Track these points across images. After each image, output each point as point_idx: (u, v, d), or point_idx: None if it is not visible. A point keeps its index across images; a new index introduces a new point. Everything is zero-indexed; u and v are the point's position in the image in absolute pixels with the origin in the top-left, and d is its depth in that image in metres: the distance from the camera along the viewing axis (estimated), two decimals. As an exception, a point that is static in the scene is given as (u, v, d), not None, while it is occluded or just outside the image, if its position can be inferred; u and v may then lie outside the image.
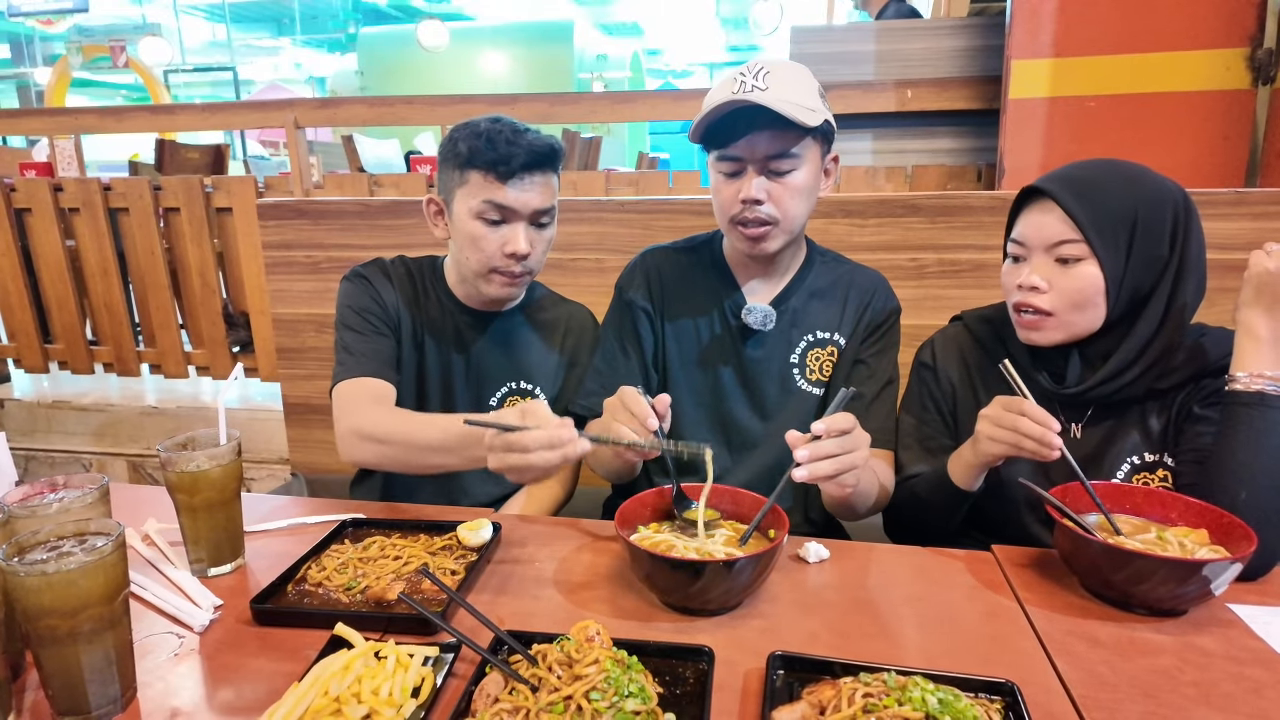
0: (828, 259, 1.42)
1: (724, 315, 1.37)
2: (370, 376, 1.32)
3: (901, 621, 0.94)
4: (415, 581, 0.98)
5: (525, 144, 1.27)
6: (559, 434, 0.98)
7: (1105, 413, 1.19)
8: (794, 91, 1.18)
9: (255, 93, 14.92)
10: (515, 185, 1.28)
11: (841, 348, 1.37)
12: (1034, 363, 1.21)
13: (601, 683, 0.72)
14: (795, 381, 1.37)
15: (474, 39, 12.41)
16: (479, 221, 1.30)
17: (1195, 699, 0.79)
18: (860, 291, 1.39)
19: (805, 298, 1.37)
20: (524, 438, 0.98)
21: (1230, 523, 0.98)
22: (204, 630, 0.91)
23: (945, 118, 3.17)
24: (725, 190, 1.26)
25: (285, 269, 2.04)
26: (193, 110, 4.11)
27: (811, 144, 1.24)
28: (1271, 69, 2.42)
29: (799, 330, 1.37)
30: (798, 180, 1.23)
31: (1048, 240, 1.12)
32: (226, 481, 1.02)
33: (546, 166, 1.31)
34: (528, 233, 1.32)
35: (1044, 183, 1.13)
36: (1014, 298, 1.16)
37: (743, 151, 1.22)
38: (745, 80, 1.18)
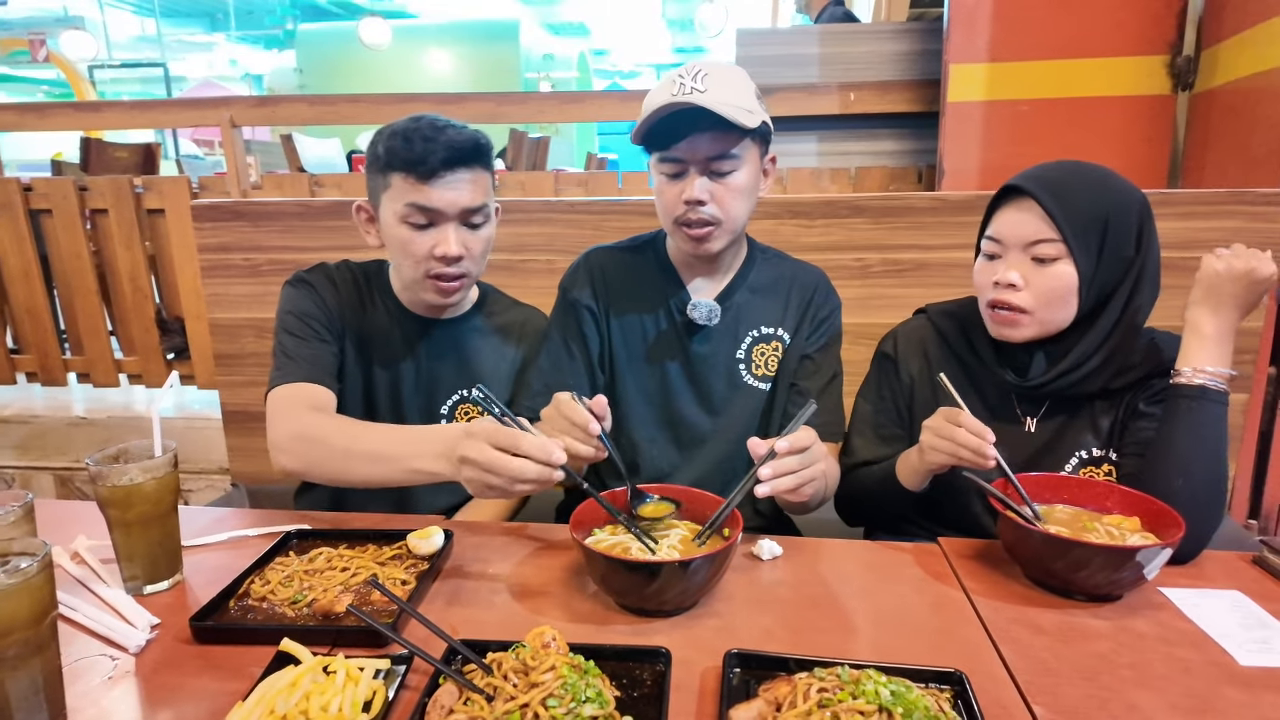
0: (769, 256, 1.44)
1: (669, 312, 1.38)
2: (308, 382, 1.27)
3: (854, 615, 0.96)
4: (364, 593, 0.96)
5: (444, 140, 1.22)
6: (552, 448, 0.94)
7: (1059, 408, 1.23)
8: (732, 93, 1.19)
9: (188, 90, 14.37)
10: (438, 184, 1.23)
11: (786, 343, 1.39)
12: (997, 357, 1.24)
13: (558, 689, 0.71)
14: (742, 376, 1.38)
15: (417, 37, 12.20)
16: (405, 226, 1.26)
17: (1131, 680, 0.82)
18: (802, 288, 1.41)
19: (748, 294, 1.39)
20: (519, 435, 0.94)
21: (1160, 510, 1.02)
22: (140, 651, 0.87)
23: (887, 120, 3.24)
24: (668, 191, 1.26)
25: (222, 272, 1.97)
26: (120, 107, 3.94)
27: (750, 145, 1.25)
28: (1190, 75, 2.55)
29: (744, 326, 1.38)
30: (739, 180, 1.25)
31: (1025, 239, 1.14)
32: (162, 495, 0.98)
33: (472, 163, 1.25)
34: (459, 233, 1.27)
35: (1023, 181, 1.15)
36: (989, 295, 1.18)
37: (684, 153, 1.23)
38: (684, 82, 1.19)
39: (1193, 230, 1.73)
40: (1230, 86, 2.34)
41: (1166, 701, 0.79)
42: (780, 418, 1.38)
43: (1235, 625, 0.92)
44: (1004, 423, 1.24)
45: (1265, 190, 1.72)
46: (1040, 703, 0.78)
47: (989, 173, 2.75)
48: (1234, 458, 1.90)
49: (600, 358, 1.41)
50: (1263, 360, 2.09)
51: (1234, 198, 1.72)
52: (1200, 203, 1.72)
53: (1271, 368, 2.14)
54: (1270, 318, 2.07)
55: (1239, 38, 2.28)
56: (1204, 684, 0.82)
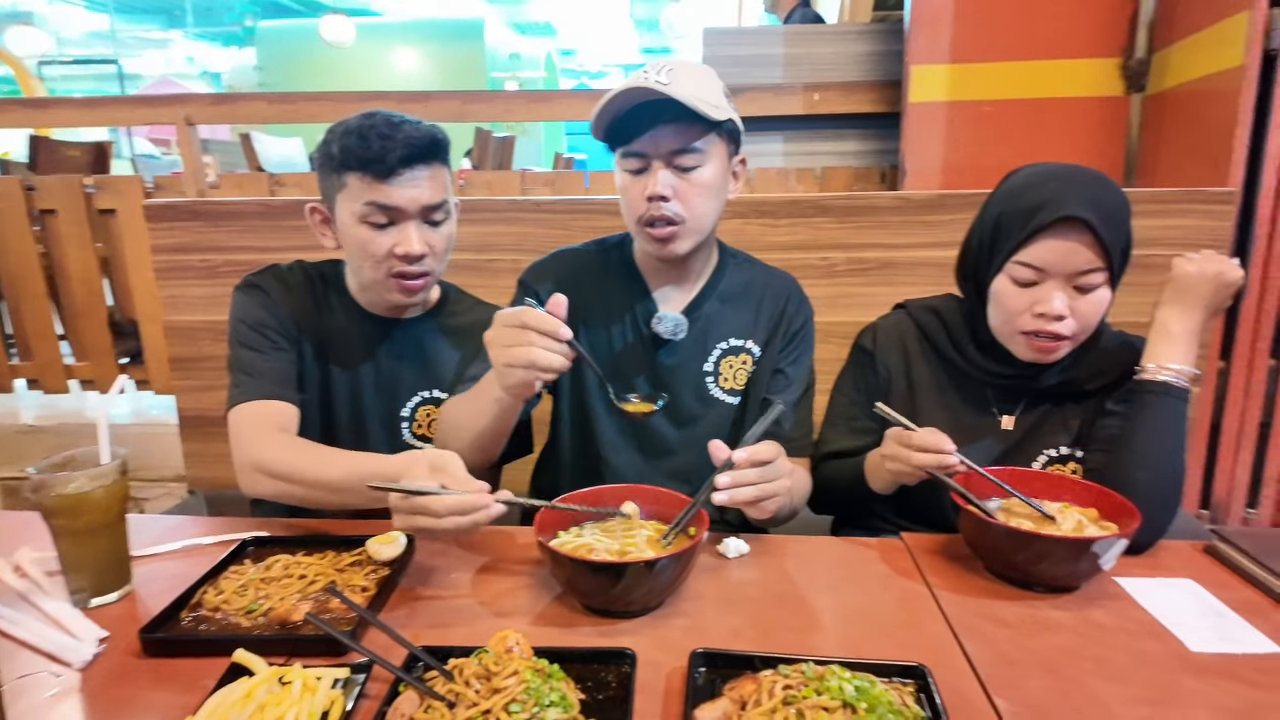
0: (739, 260, 1.41)
1: (635, 323, 1.34)
2: (269, 399, 1.23)
3: (820, 612, 0.96)
4: (323, 601, 0.93)
5: (402, 137, 1.18)
6: (472, 500, 0.92)
7: (1035, 406, 1.25)
8: (697, 88, 1.17)
9: (144, 88, 14.02)
10: (397, 182, 1.19)
11: (755, 355, 1.36)
12: (982, 353, 1.25)
13: (521, 694, 0.70)
14: (709, 389, 1.35)
15: (381, 35, 12.05)
16: (365, 226, 1.22)
17: (1092, 671, 0.83)
18: (774, 297, 1.38)
19: (718, 304, 1.35)
20: (433, 503, 0.91)
21: (1116, 502, 1.04)
22: (86, 666, 0.84)
23: (852, 120, 3.28)
24: (632, 189, 1.23)
25: (178, 274, 1.92)
26: (71, 105, 3.83)
27: (717, 140, 1.22)
28: (1143, 77, 2.61)
29: (713, 338, 1.35)
30: (704, 176, 1.21)
31: (1074, 269, 1.10)
32: (110, 503, 0.95)
33: (431, 159, 1.23)
34: (420, 231, 1.24)
35: (1082, 212, 1.07)
36: (1027, 324, 1.14)
37: (646, 146, 1.20)
38: (649, 76, 1.16)
39: (1146, 229, 1.76)
40: (1181, 89, 2.40)
41: (1125, 691, 0.80)
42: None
43: (1189, 613, 0.94)
44: (982, 418, 1.26)
45: (1215, 189, 1.76)
46: (1002, 695, 0.79)
47: (951, 172, 2.79)
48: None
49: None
50: (1213, 354, 2.15)
51: (1186, 196, 1.76)
52: (1153, 201, 1.77)
53: (1221, 362, 2.20)
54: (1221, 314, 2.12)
55: (1188, 41, 2.35)
56: (1161, 672, 0.83)
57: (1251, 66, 2.01)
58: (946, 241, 1.83)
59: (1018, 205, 1.14)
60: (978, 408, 1.27)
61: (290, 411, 1.25)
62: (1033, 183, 1.15)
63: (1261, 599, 0.98)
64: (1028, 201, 1.12)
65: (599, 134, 1.23)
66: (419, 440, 1.39)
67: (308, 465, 1.13)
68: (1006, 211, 1.15)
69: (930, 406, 1.29)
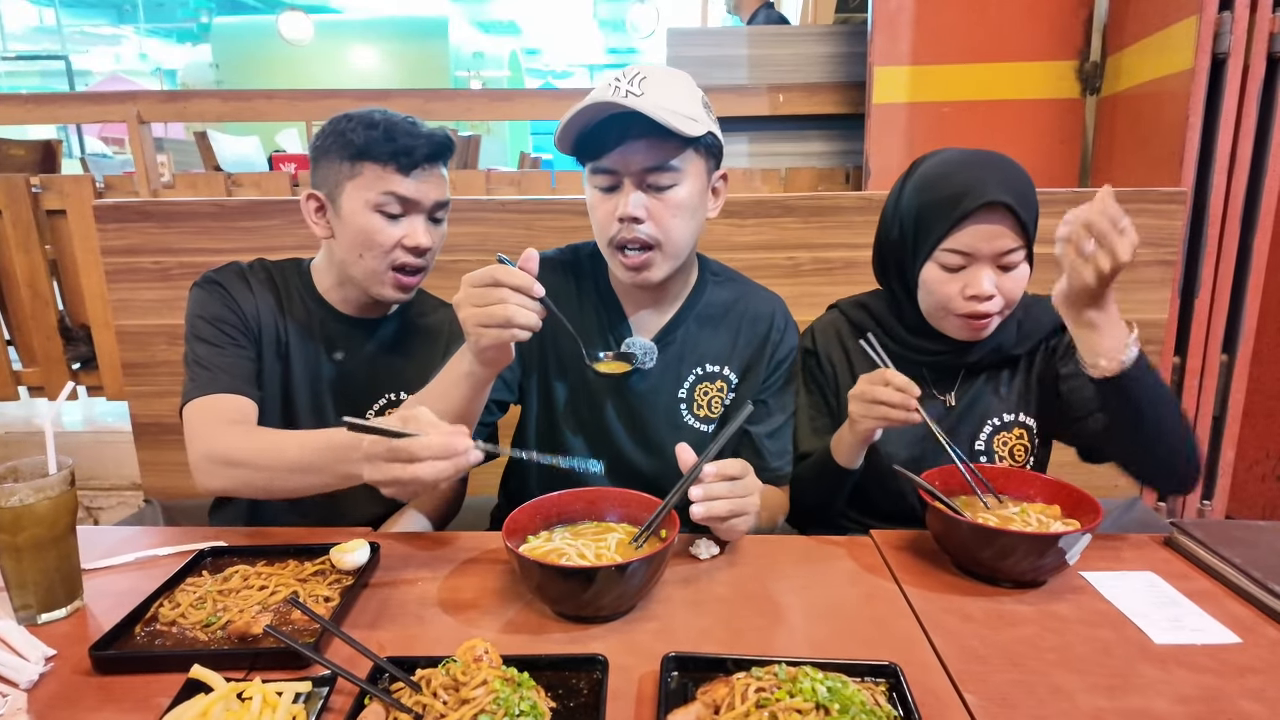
0: (720, 278, 1.35)
1: (608, 344, 1.29)
2: (225, 393, 1.20)
3: (790, 611, 0.96)
4: (284, 612, 0.91)
5: (425, 135, 1.23)
6: (453, 442, 0.89)
7: (970, 381, 1.30)
8: (673, 99, 1.10)
9: (94, 85, 13.60)
10: (417, 176, 1.23)
11: (732, 383, 1.32)
12: (913, 335, 1.28)
13: (490, 704, 0.69)
14: (682, 416, 1.30)
15: (341, 32, 11.85)
16: (377, 214, 1.23)
17: (1055, 663, 0.84)
18: (756, 322, 1.32)
19: (695, 326, 1.30)
20: (412, 445, 0.88)
21: (1080, 497, 1.06)
22: (33, 686, 0.80)
23: (815, 121, 3.30)
24: (601, 208, 1.17)
25: (129, 276, 1.86)
26: (15, 101, 3.68)
27: (694, 157, 1.16)
28: (1097, 80, 2.67)
29: (687, 363, 1.29)
30: (679, 196, 1.14)
31: (998, 250, 1.15)
32: (58, 516, 0.91)
33: (444, 159, 1.28)
34: (426, 225, 1.27)
35: (1004, 196, 1.12)
36: (960, 306, 1.17)
37: (617, 163, 1.13)
38: (620, 86, 1.10)
39: (1102, 227, 1.81)
40: (1133, 91, 2.46)
41: (1088, 681, 0.81)
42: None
43: (1150, 605, 0.96)
44: (924, 400, 1.27)
45: (1166, 189, 1.81)
46: (971, 690, 0.80)
47: (913, 173, 2.83)
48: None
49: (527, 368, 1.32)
50: (1167, 350, 2.21)
51: (1138, 196, 1.81)
52: (1108, 201, 1.80)
53: (1175, 357, 2.27)
54: (1174, 309, 2.19)
55: (1140, 45, 2.41)
56: (1122, 663, 0.85)
57: (1200, 70, 2.07)
58: (910, 241, 1.85)
59: (939, 195, 1.17)
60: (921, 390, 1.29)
61: (248, 407, 1.21)
62: (947, 172, 1.19)
63: (1218, 589, 1.01)
64: (949, 190, 1.16)
65: (565, 147, 1.17)
66: None
67: (265, 447, 1.10)
68: (926, 203, 1.19)
69: None
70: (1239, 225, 2.14)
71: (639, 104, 1.07)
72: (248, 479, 1.11)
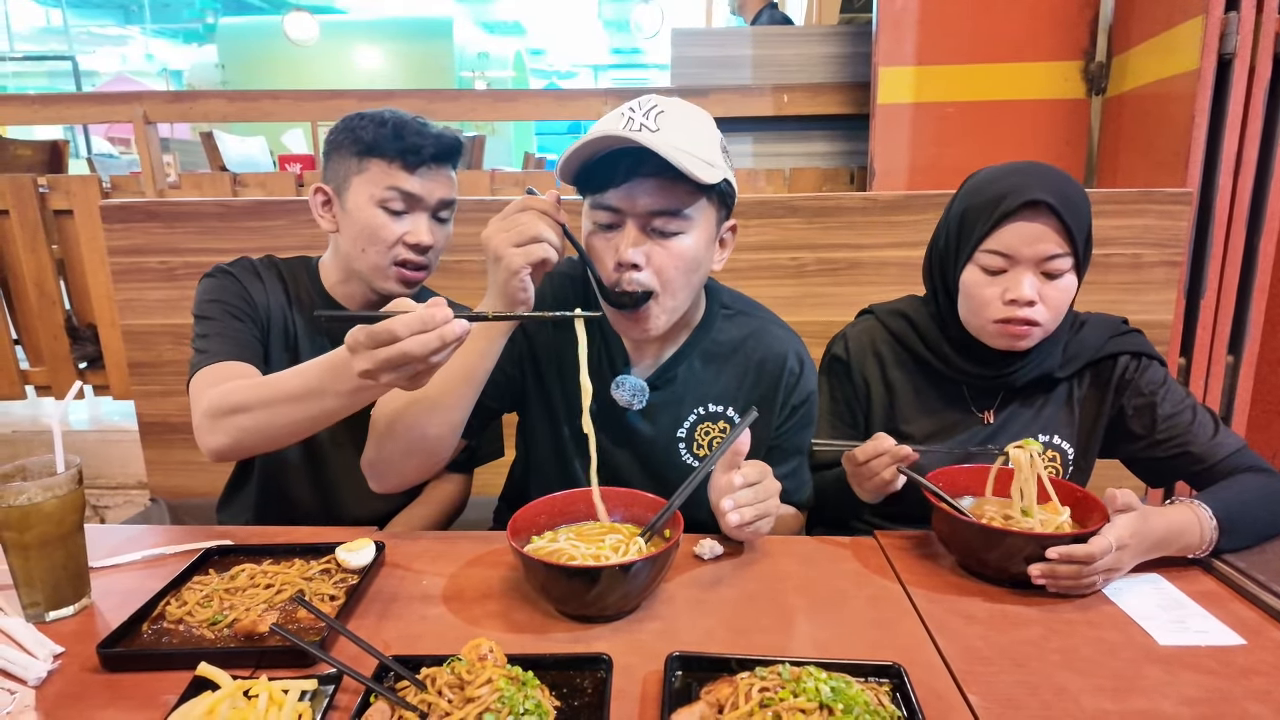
0: (731, 312, 1.25)
1: (604, 379, 1.20)
2: (232, 360, 1.20)
3: (794, 612, 0.96)
4: (290, 611, 0.91)
5: (434, 135, 1.26)
6: (431, 313, 0.86)
7: (1010, 399, 1.27)
8: (690, 139, 1.01)
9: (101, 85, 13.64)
10: (423, 174, 1.26)
11: (735, 423, 1.22)
12: (958, 353, 1.26)
13: (495, 703, 0.69)
14: (680, 455, 1.22)
15: (346, 33, 11.89)
16: (381, 210, 1.26)
17: (1060, 664, 0.84)
18: (764, 365, 1.22)
19: (699, 364, 1.21)
20: (391, 323, 0.85)
21: (1085, 498, 1.06)
22: (41, 683, 0.81)
23: (819, 122, 3.30)
24: (599, 245, 1.07)
25: (136, 276, 1.87)
26: (21, 101, 3.70)
27: (706, 206, 1.06)
28: (1102, 80, 2.67)
29: (688, 403, 1.21)
30: (684, 245, 1.05)
31: (1041, 255, 1.12)
32: (65, 514, 0.91)
33: (452, 160, 1.30)
34: (430, 224, 1.29)
35: (1044, 195, 1.10)
36: (998, 311, 1.15)
37: (621, 202, 1.03)
38: (634, 118, 1.00)
39: (1105, 228, 1.81)
40: (1138, 91, 2.45)
41: (1093, 683, 0.81)
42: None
43: (1154, 607, 0.95)
44: (961, 416, 1.28)
45: (1171, 190, 1.81)
46: (975, 691, 0.80)
47: (918, 173, 2.83)
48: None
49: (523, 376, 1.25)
50: (1173, 351, 2.21)
51: (1143, 197, 1.80)
52: (1112, 202, 1.80)
53: (1181, 358, 2.26)
54: (1179, 310, 2.18)
55: (1145, 45, 2.40)
56: (1127, 664, 0.85)
57: (1206, 70, 2.06)
58: (912, 241, 1.85)
59: (983, 197, 1.17)
60: (956, 406, 1.29)
61: (252, 373, 1.20)
62: (995, 177, 1.18)
63: (1223, 590, 1.00)
64: (993, 192, 1.16)
65: (568, 177, 1.07)
66: None
67: (262, 384, 1.08)
68: (972, 206, 1.18)
69: (909, 410, 1.30)
70: (1245, 226, 2.14)
71: (654, 141, 0.97)
72: (251, 423, 1.06)
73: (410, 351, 0.85)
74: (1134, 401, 1.23)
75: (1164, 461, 1.21)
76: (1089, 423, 1.27)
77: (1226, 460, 1.16)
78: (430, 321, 0.86)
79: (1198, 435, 1.18)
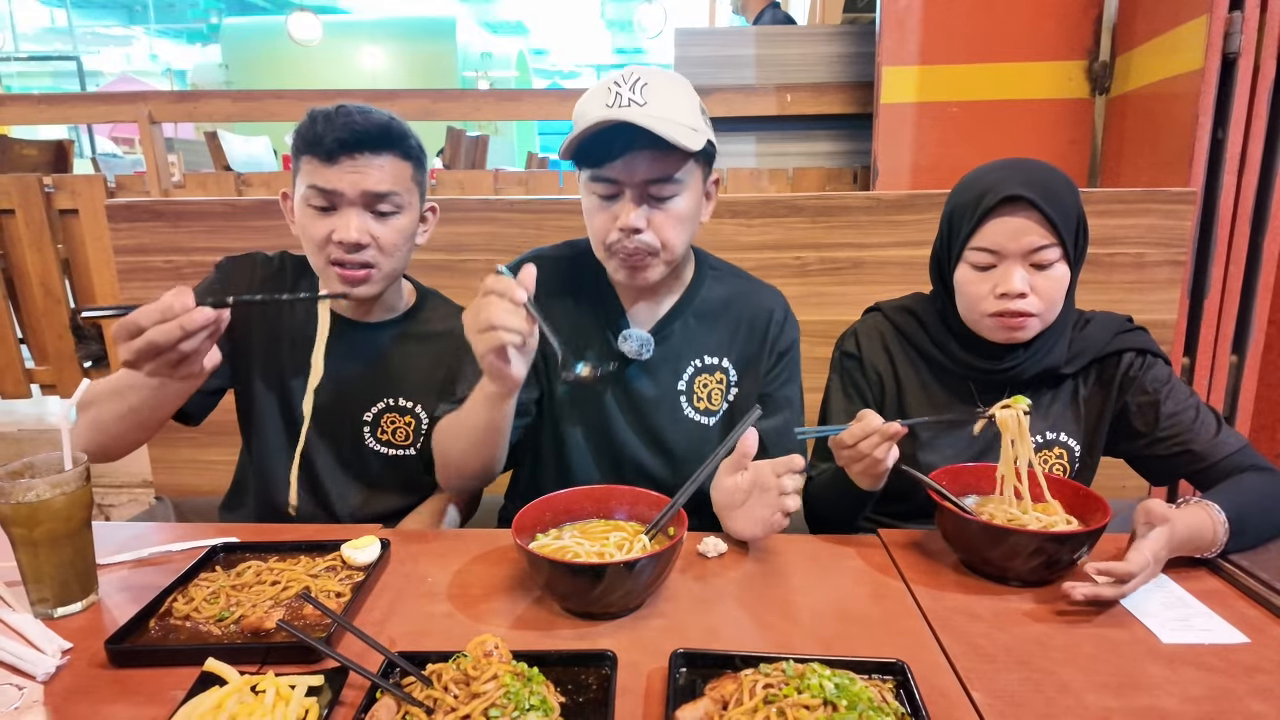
0: (720, 272, 1.35)
1: (606, 339, 1.28)
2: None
3: (798, 610, 0.96)
4: (296, 607, 0.91)
5: (344, 121, 1.17)
6: (169, 303, 0.90)
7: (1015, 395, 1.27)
8: (675, 109, 1.10)
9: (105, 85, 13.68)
10: (340, 166, 1.17)
11: (730, 375, 1.32)
12: (963, 349, 1.26)
13: (500, 699, 0.69)
14: (683, 410, 1.30)
15: (349, 33, 11.92)
16: (308, 209, 1.21)
17: (1063, 662, 0.85)
18: (756, 315, 1.32)
19: (693, 320, 1.30)
20: (134, 315, 0.90)
21: (1086, 496, 1.06)
22: (49, 679, 0.81)
23: (823, 121, 3.30)
24: (600, 215, 1.17)
25: (141, 275, 1.88)
26: (26, 101, 3.72)
27: (694, 167, 1.17)
28: (1106, 80, 2.67)
29: (685, 357, 1.30)
30: (679, 207, 1.16)
31: (1026, 248, 1.14)
32: (73, 510, 0.92)
33: (381, 147, 1.19)
34: (361, 220, 1.19)
35: (1024, 190, 1.12)
36: (991, 305, 1.17)
37: (619, 174, 1.13)
38: (621, 93, 1.09)
39: (1109, 228, 1.81)
40: (1142, 91, 2.45)
41: (1095, 680, 0.81)
42: None
43: (1158, 605, 0.96)
44: (968, 410, 1.28)
45: (1174, 189, 1.81)
46: (978, 688, 0.80)
47: (921, 172, 2.83)
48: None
49: (538, 368, 1.31)
50: (1177, 350, 2.20)
51: (1147, 196, 1.80)
52: (1115, 201, 1.80)
53: (1185, 358, 2.26)
54: (1183, 310, 2.18)
55: (1149, 45, 2.40)
56: (1130, 662, 0.85)
57: (1210, 70, 2.06)
58: (916, 240, 1.85)
59: (966, 196, 1.19)
60: (962, 401, 1.29)
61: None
62: (979, 175, 1.21)
63: (1227, 589, 1.00)
64: (975, 190, 1.18)
65: (568, 155, 1.17)
66: (383, 446, 1.36)
67: (99, 384, 1.13)
68: (957, 205, 1.21)
69: (917, 404, 1.31)
70: (1249, 225, 2.13)
71: (644, 116, 1.07)
72: (96, 418, 1.13)
73: (155, 341, 0.90)
74: (1138, 399, 1.23)
75: (1165, 459, 1.21)
76: (1093, 420, 1.27)
77: (1228, 459, 1.16)
78: (169, 311, 0.90)
79: (1199, 434, 1.18)
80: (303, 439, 1.31)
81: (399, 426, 1.36)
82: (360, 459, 1.36)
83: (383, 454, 1.36)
